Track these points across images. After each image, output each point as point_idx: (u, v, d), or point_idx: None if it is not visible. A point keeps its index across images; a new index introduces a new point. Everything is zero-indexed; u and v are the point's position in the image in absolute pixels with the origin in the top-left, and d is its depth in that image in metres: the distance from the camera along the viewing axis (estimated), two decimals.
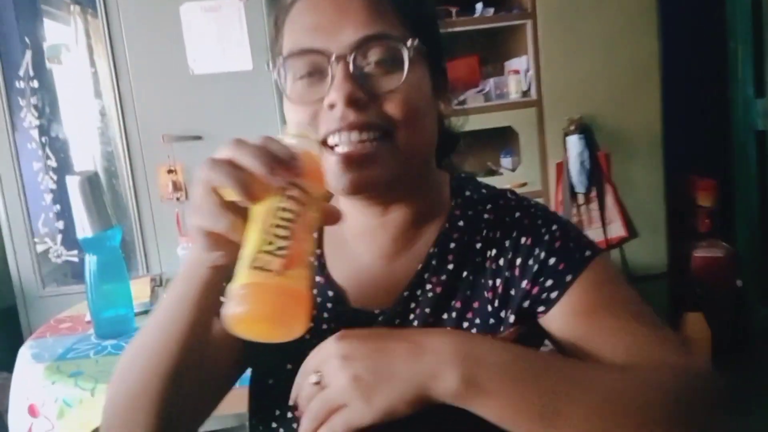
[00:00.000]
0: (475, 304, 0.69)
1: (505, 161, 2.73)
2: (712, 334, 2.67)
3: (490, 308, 0.69)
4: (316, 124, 0.65)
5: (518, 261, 0.69)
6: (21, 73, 2.18)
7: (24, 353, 1.44)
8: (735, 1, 2.91)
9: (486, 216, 0.72)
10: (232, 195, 0.53)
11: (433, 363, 0.54)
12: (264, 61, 1.75)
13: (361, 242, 0.74)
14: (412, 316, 0.70)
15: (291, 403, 0.59)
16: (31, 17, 2.28)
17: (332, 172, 0.64)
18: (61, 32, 2.38)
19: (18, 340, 2.34)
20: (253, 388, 0.76)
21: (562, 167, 2.55)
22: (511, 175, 2.59)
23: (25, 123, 2.20)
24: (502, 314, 0.68)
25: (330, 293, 0.73)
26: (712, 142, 3.03)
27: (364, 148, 0.64)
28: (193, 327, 0.62)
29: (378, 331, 0.61)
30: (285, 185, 0.53)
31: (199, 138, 2.20)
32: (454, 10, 2.51)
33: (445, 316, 0.70)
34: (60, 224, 2.27)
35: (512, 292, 0.68)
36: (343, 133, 0.64)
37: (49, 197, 2.25)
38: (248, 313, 0.51)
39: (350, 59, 0.64)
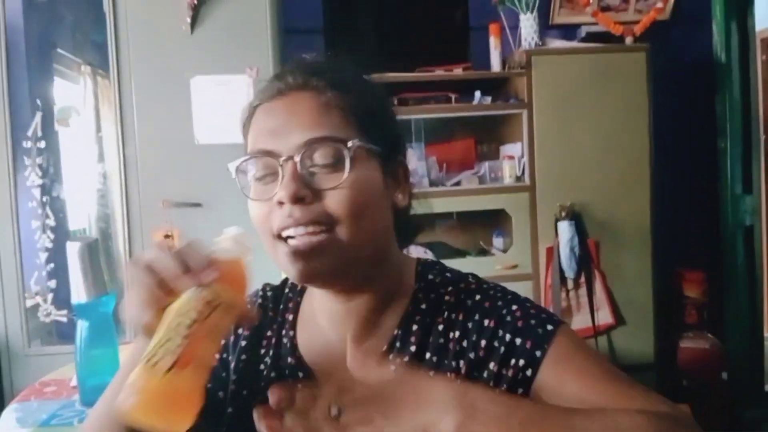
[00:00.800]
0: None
1: (497, 242, 2.79)
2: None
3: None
4: (270, 220, 0.71)
5: (483, 343, 0.72)
6: (29, 133, 2.24)
7: (8, 417, 1.44)
8: (725, 101, 3.06)
9: (447, 298, 0.77)
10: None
11: (434, 412, 0.56)
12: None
13: (332, 325, 0.78)
14: None
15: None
16: (43, 77, 2.36)
17: (284, 263, 0.71)
18: (70, 91, 2.45)
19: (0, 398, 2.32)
20: None
21: (552, 252, 2.61)
22: (502, 256, 2.65)
23: (28, 182, 2.25)
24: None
25: (300, 374, 0.77)
26: (701, 236, 3.13)
27: (311, 242, 0.69)
28: None
29: (390, 381, 0.61)
30: (192, 289, 0.59)
31: (198, 205, 2.24)
32: (453, 96, 2.63)
33: None
34: (52, 283, 2.28)
35: (476, 374, 0.71)
36: (291, 228, 0.69)
37: (44, 255, 2.27)
38: (133, 406, 0.54)
39: (297, 159, 0.70)
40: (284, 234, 0.70)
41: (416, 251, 2.13)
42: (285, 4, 2.59)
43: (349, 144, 0.70)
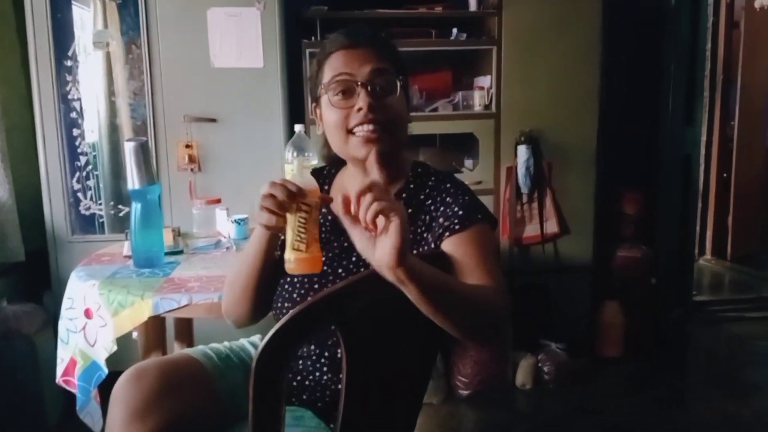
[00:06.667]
0: (412, 228, 1.18)
1: (467, 162, 3.17)
2: (626, 321, 3.17)
3: (419, 231, 1.19)
4: (347, 121, 1.16)
5: (441, 209, 1.17)
6: (70, 53, 2.60)
7: (77, 274, 1.80)
8: (671, 43, 3.35)
9: (429, 183, 1.24)
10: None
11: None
12: (272, 61, 2.36)
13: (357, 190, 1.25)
14: None
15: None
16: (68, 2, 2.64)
17: (355, 148, 1.18)
18: (81, 13, 2.68)
19: (46, 279, 2.76)
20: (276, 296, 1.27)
21: (511, 171, 2.99)
22: (470, 174, 3.02)
23: (70, 96, 2.62)
24: (425, 236, 1.18)
25: (329, 217, 1.26)
26: (642, 162, 3.47)
27: (375, 133, 1.16)
28: (265, 255, 1.20)
29: None
30: (297, 205, 1.03)
31: (213, 120, 2.64)
32: (433, 32, 2.94)
33: None
34: (90, 182, 2.69)
35: (433, 224, 1.18)
36: (364, 125, 1.16)
37: (84, 159, 2.67)
38: (292, 269, 1.04)
39: (368, 83, 1.16)
40: (356, 130, 1.16)
41: None
42: None
43: (400, 78, 1.18)
